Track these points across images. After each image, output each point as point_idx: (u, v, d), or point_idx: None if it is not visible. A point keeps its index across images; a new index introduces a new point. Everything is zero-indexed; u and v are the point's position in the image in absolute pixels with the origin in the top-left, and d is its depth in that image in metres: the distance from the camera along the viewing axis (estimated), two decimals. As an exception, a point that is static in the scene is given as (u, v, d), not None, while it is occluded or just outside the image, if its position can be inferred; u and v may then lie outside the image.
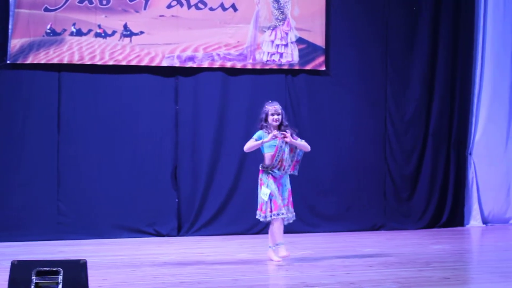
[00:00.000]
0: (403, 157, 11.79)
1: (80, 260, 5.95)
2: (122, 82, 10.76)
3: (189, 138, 11.00)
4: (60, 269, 5.87)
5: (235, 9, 11.04)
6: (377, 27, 11.67)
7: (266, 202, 8.49)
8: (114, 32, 10.63)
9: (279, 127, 8.62)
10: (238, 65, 11.08)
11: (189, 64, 10.91)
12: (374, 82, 11.69)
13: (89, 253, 8.87)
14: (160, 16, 10.80)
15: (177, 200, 10.91)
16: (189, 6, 10.87)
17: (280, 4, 11.20)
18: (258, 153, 11.15)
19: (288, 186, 8.72)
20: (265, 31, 11.17)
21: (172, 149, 10.94)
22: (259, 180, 8.64)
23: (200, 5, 10.92)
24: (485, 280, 7.68)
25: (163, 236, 10.74)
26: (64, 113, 10.55)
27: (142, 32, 10.73)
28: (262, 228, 11.10)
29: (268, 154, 8.59)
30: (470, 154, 12.12)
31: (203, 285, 7.25)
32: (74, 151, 10.56)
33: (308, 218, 11.24)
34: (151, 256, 9.07)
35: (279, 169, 8.58)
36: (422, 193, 11.84)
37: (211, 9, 10.96)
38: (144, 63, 10.74)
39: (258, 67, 11.15)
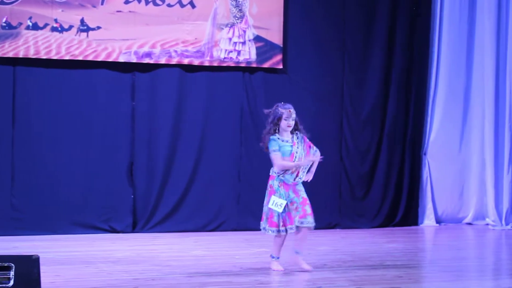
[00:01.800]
0: (358, 157, 11.86)
1: (32, 255, 5.90)
2: (78, 77, 10.67)
3: (145, 135, 10.95)
4: (12, 264, 5.82)
5: (193, 6, 11.02)
6: (335, 26, 11.72)
7: (279, 214, 7.76)
8: (70, 27, 10.56)
9: (291, 132, 7.90)
10: (196, 62, 11.06)
11: (146, 60, 10.86)
12: (331, 81, 11.74)
13: (42, 249, 8.79)
14: (118, 11, 10.74)
15: (132, 196, 10.87)
16: (147, 2, 10.83)
17: (238, 2, 11.20)
18: (214, 151, 11.20)
19: (303, 194, 7.86)
20: (223, 29, 11.16)
21: (128, 145, 10.88)
22: (268, 187, 7.91)
23: (158, 1, 10.88)
24: (437, 279, 7.76)
25: (118, 232, 10.69)
26: (19, 108, 10.45)
27: (99, 27, 10.67)
28: (218, 225, 11.12)
29: (284, 162, 7.83)
30: (425, 154, 12.22)
31: (157, 281, 7.23)
32: (29, 146, 10.47)
33: (263, 215, 11.26)
34: (105, 252, 9.03)
35: (291, 175, 7.81)
36: (377, 192, 11.92)
37: (169, 5, 10.93)
38: (100, 58, 10.67)
39: (215, 64, 11.15)
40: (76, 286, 6.95)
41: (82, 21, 10.58)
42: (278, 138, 7.84)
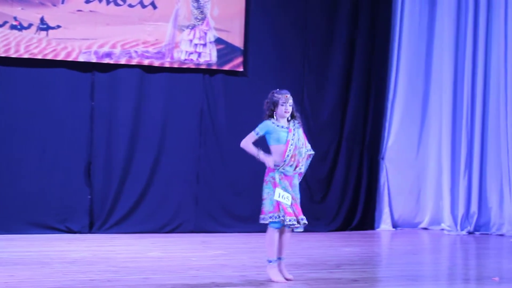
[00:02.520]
0: (317, 160, 11.83)
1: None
2: (37, 76, 10.60)
3: (104, 135, 10.90)
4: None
5: (154, 7, 10.99)
6: (296, 29, 11.77)
7: (288, 205, 7.49)
8: (30, 25, 10.47)
9: (287, 120, 7.61)
10: (156, 63, 11.04)
11: (106, 60, 10.82)
12: (291, 84, 11.68)
13: (-3, 249, 8.74)
14: (78, 10, 10.68)
15: (89, 197, 10.81)
16: (108, 2, 10.79)
17: (200, 3, 11.20)
18: (172, 152, 11.18)
19: (296, 191, 7.64)
20: (184, 30, 11.15)
21: (86, 145, 10.82)
22: (269, 179, 7.61)
23: (119, 1, 10.84)
24: (393, 283, 7.80)
25: (75, 233, 10.63)
26: (-25, 106, 10.37)
27: (59, 26, 10.60)
28: (175, 227, 11.10)
29: (276, 147, 7.58)
30: (383, 158, 12.31)
31: (113, 283, 7.20)
32: (-16, 145, 10.39)
33: (222, 218, 11.27)
34: (61, 253, 8.98)
35: (291, 166, 7.56)
36: (334, 196, 11.98)
37: (130, 5, 10.89)
38: (60, 57, 10.61)
39: (175, 65, 11.13)
40: (31, 287, 6.89)
41: (42, 19, 10.51)
42: (273, 123, 7.58)
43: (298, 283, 7.50)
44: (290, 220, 7.51)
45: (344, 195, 12.04)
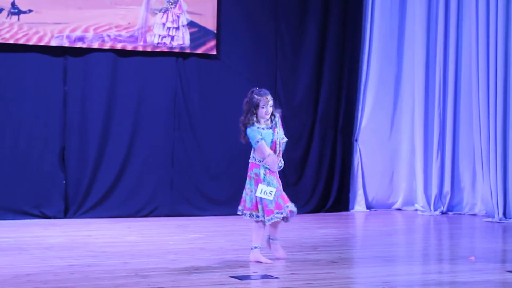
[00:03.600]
0: (291, 142, 11.80)
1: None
2: (9, 61, 10.51)
3: (77, 119, 10.85)
4: None
5: (126, -10, 10.95)
6: (269, 12, 11.76)
7: (271, 200, 7.50)
8: (1, 10, 10.38)
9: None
10: (129, 47, 10.99)
11: (79, 45, 10.75)
12: (264, 67, 11.79)
13: (-28, 235, 8.69)
14: (50, -6, 10.61)
15: (64, 181, 10.76)
16: (80, -14, 10.72)
17: (172, -14, 11.16)
18: (147, 136, 11.16)
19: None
20: (156, 14, 11.10)
21: (59, 130, 10.76)
22: (253, 175, 7.61)
23: (91, -15, 10.78)
24: (370, 264, 7.85)
25: (50, 218, 10.58)
26: None
27: (30, 11, 10.51)
28: (151, 211, 11.10)
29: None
30: (356, 140, 12.38)
31: (93, 268, 7.18)
32: (-42, 131, 10.30)
33: (197, 201, 11.28)
34: (38, 238, 8.95)
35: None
36: (309, 178, 12.03)
37: (102, -11, 10.84)
38: (32, 42, 10.53)
39: (149, 49, 11.09)
40: (11, 273, 6.85)
41: (13, 4, 10.41)
42: (258, 128, 7.60)
43: (277, 266, 7.53)
44: (269, 220, 7.56)
45: (318, 177, 12.09)
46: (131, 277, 6.78)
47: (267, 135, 7.63)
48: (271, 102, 7.63)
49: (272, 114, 7.69)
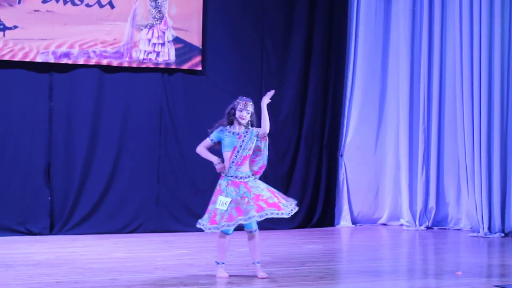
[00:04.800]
0: (277, 158, 11.94)
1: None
2: (-6, 77, 10.51)
3: (63, 135, 10.83)
4: None
5: (112, 6, 10.94)
6: (254, 29, 11.80)
7: (224, 211, 7.46)
8: (-14, 26, 10.39)
9: (246, 126, 7.68)
10: (115, 63, 10.99)
11: (64, 61, 10.74)
12: (250, 83, 11.80)
13: (-42, 252, 8.64)
14: (35, 10, 10.59)
15: (49, 198, 10.73)
16: (65, 2, 10.71)
17: (158, 2, 11.17)
18: (132, 152, 11.14)
19: (256, 190, 7.54)
20: (142, 29, 11.12)
21: (45, 146, 10.74)
22: (217, 186, 7.64)
23: (76, 1, 10.77)
24: (358, 279, 7.88)
25: (35, 234, 10.53)
26: None
27: (16, 27, 10.50)
28: (136, 227, 11.07)
29: (225, 154, 7.65)
30: (342, 155, 12.41)
31: (81, 285, 7.17)
32: None
33: (183, 217, 11.25)
34: (24, 255, 8.90)
35: (237, 170, 7.55)
36: (294, 193, 11.97)
37: (87, 5, 10.83)
38: (17, 58, 10.52)
39: (134, 65, 11.10)
40: (-2, 290, 6.85)
41: (-2, 20, 10.42)
42: (227, 130, 7.64)
43: (265, 281, 7.53)
44: (210, 229, 7.54)
45: (304, 192, 12.10)
46: (120, 294, 6.78)
47: (230, 140, 7.61)
48: (250, 109, 7.66)
49: (250, 124, 7.67)
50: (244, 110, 7.63)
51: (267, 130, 7.70)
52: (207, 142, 7.74)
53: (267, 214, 7.47)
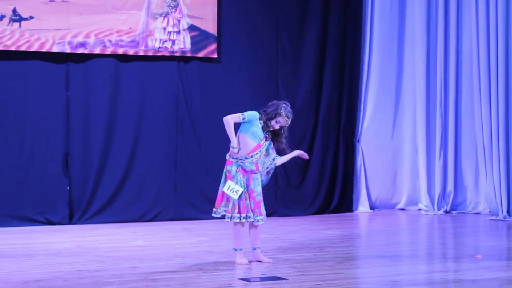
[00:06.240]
0: (293, 145, 11.89)
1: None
2: (11, 68, 10.52)
3: (80, 125, 10.86)
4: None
5: (127, -5, 10.96)
6: (269, 15, 11.78)
7: (235, 200, 7.59)
8: (2, 17, 10.38)
9: (274, 137, 7.76)
10: (130, 52, 11.00)
11: (80, 50, 10.76)
12: (266, 70, 11.80)
13: (-20, 242, 8.70)
14: (51, 1, 10.60)
15: (68, 187, 10.77)
16: (80, -8, 10.73)
17: (172, -10, 11.18)
18: (150, 141, 11.17)
19: (253, 186, 7.70)
20: (157, 18, 11.12)
21: (63, 136, 10.77)
22: (226, 173, 7.66)
23: (91, -10, 10.79)
24: (377, 264, 7.89)
25: (55, 224, 10.58)
26: (-50, 99, 10.28)
27: (31, 17, 10.52)
28: (155, 215, 11.11)
29: (248, 139, 7.61)
30: (358, 141, 12.40)
31: (101, 273, 7.21)
32: (-38, 138, 10.31)
33: (201, 205, 11.26)
34: (44, 244, 8.95)
35: (251, 163, 7.59)
36: (312, 180, 12.04)
37: (102, -6, 10.85)
38: (34, 48, 10.54)
39: (150, 54, 11.10)
40: (20, 280, 6.88)
41: (14, 11, 10.42)
42: (259, 121, 7.65)
43: (285, 266, 7.55)
44: (221, 213, 7.75)
45: (322, 179, 12.10)
46: (140, 281, 6.82)
47: (257, 131, 7.63)
48: (285, 126, 7.74)
49: (280, 136, 7.76)
50: (280, 123, 7.68)
51: (278, 164, 7.85)
52: (237, 117, 7.63)
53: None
